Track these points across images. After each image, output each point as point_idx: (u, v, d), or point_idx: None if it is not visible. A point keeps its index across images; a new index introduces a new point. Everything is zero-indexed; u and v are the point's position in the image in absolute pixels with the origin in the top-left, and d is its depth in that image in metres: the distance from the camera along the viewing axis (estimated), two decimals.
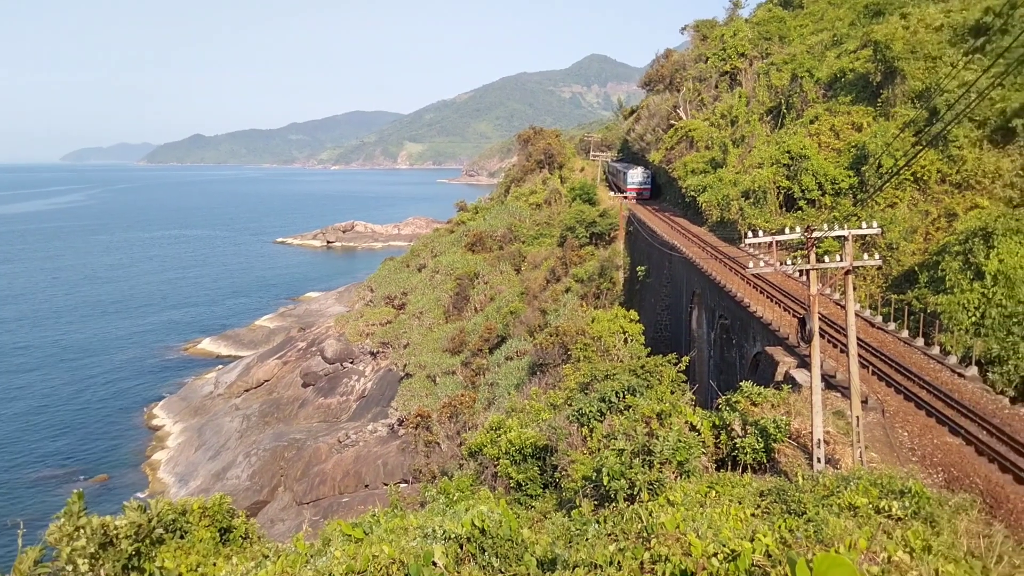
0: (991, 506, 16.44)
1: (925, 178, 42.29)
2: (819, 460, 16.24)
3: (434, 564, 7.60)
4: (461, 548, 8.34)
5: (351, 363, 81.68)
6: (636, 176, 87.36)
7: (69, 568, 9.78)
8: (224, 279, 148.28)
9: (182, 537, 13.01)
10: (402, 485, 49.66)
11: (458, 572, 7.68)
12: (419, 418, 51.58)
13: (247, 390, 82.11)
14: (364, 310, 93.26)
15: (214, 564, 12.20)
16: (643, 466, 15.62)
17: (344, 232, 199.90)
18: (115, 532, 10.51)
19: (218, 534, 13.45)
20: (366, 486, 55.67)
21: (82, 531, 10.10)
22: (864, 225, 17.31)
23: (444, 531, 8.63)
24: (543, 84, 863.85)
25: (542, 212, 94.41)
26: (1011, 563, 9.51)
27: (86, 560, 9.87)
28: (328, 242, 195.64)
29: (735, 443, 17.70)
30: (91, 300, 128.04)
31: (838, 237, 16.32)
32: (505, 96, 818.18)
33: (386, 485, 48.33)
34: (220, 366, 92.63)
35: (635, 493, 14.60)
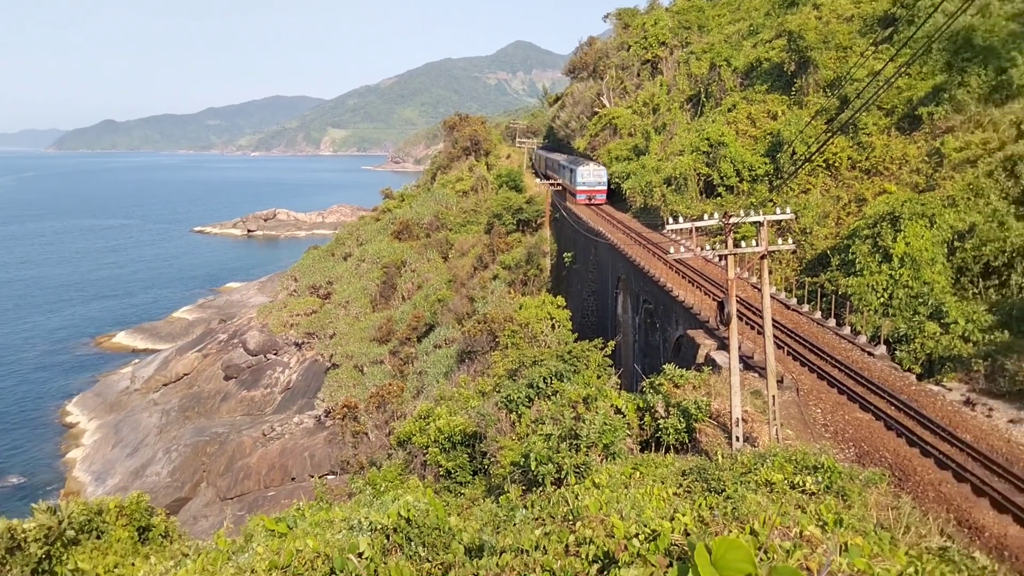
0: (899, 479, 17.30)
1: (836, 165, 43.93)
2: (738, 438, 16.77)
3: (360, 556, 7.55)
4: (388, 539, 8.30)
5: (275, 355, 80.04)
6: (588, 174, 68.23)
7: None
8: (140, 270, 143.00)
9: (98, 538, 12.59)
10: (330, 477, 49.05)
11: (384, 563, 7.64)
12: (346, 409, 50.99)
13: (166, 384, 79.57)
14: (288, 300, 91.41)
15: (132, 564, 11.86)
16: (570, 450, 15.83)
17: (266, 220, 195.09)
18: (23, 536, 10.08)
19: (136, 533, 13.08)
20: (293, 479, 54.79)
21: None
22: (779, 211, 17.89)
23: (370, 522, 8.57)
24: (468, 70, 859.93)
25: (469, 199, 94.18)
26: (918, 533, 10.04)
27: None
28: (249, 231, 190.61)
29: (658, 424, 18.11)
30: None
31: (754, 223, 16.81)
32: (430, 82, 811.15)
33: (313, 477, 47.66)
34: (136, 360, 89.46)
35: (562, 477, 14.80)
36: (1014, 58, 37.09)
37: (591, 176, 68.12)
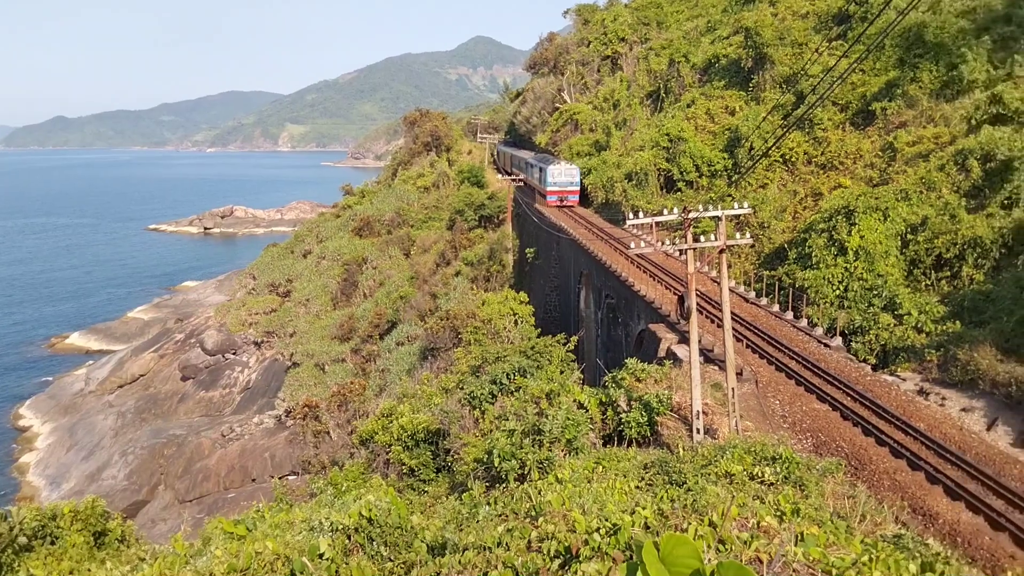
0: (855, 468, 17.65)
1: (793, 160, 44.64)
2: (698, 431, 16.94)
3: (320, 557, 7.46)
4: (349, 539, 8.21)
5: (233, 354, 78.87)
6: (559, 174, 62.93)
7: None
8: (93, 270, 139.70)
9: (52, 544, 12.34)
10: (291, 477, 48.54)
11: (346, 564, 7.56)
12: (307, 408, 50.46)
13: (121, 386, 77.94)
14: (246, 299, 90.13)
15: (88, 570, 11.61)
16: (533, 446, 15.85)
17: (223, 218, 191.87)
18: None
19: (92, 538, 12.84)
20: (253, 480, 54.11)
21: None
22: (737, 206, 18.09)
23: (331, 523, 8.47)
24: (429, 65, 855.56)
25: (430, 195, 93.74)
26: (873, 521, 10.25)
27: None
28: (206, 228, 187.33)
29: (621, 418, 18.22)
30: None
31: (713, 217, 16.98)
32: (390, 77, 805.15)
33: (273, 478, 47.14)
34: (91, 362, 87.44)
35: (525, 473, 14.81)
36: (964, 54, 38.02)
37: (563, 176, 62.88)
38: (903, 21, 42.11)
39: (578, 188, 62.71)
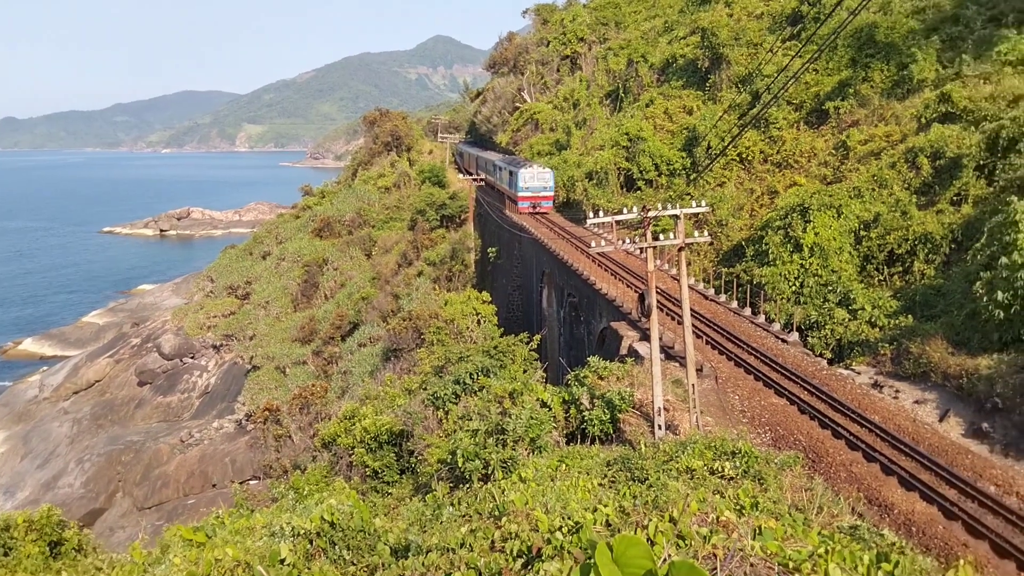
0: (813, 461, 17.97)
1: (749, 158, 45.31)
2: (660, 427, 17.11)
3: (281, 563, 7.38)
4: (311, 544, 8.14)
5: (192, 358, 77.60)
6: (532, 178, 57.50)
7: None
8: (47, 274, 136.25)
9: (6, 554, 12.08)
10: (252, 482, 47.93)
11: (308, 568, 7.49)
12: (268, 412, 49.84)
13: (76, 392, 76.27)
14: (204, 301, 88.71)
15: None
16: (497, 445, 15.86)
17: (179, 219, 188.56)
18: None
19: (47, 548, 12.59)
20: (213, 486, 53.35)
21: None
22: (695, 204, 18.31)
23: (292, 528, 8.39)
24: (388, 65, 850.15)
25: (391, 195, 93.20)
26: (830, 513, 10.45)
27: None
28: (162, 230, 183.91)
29: (584, 416, 18.33)
30: None
31: (672, 216, 17.16)
32: (349, 76, 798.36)
33: (234, 483, 46.48)
34: (45, 368, 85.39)
35: (489, 472, 14.82)
36: (914, 54, 38.93)
37: (536, 180, 57.37)
38: (855, 21, 43.06)
39: (552, 194, 57.71)
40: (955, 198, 30.77)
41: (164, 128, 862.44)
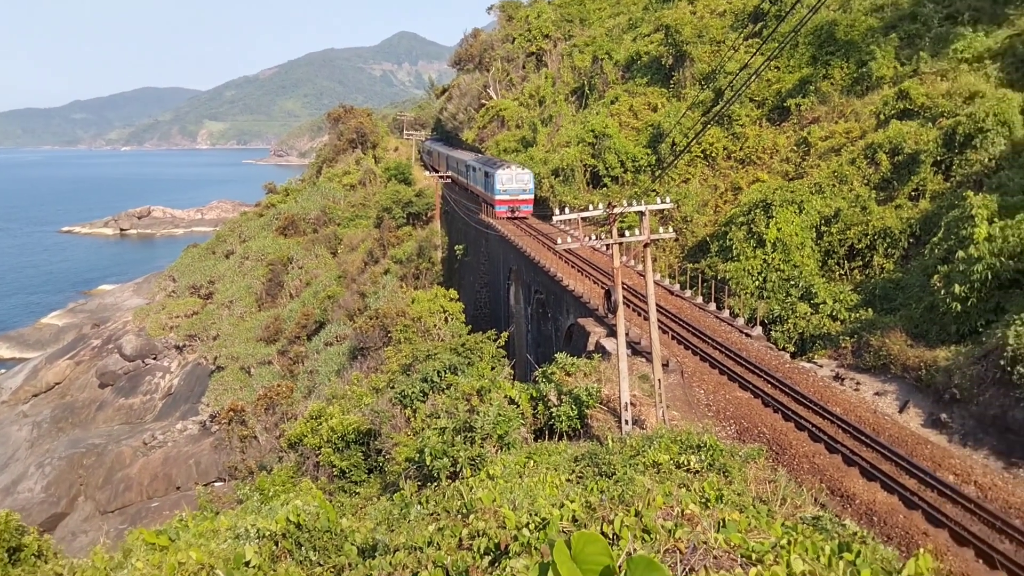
0: (777, 453, 18.22)
1: (713, 155, 45.75)
2: (627, 422, 17.22)
3: (247, 565, 7.29)
4: (276, 545, 8.06)
5: (154, 359, 76.34)
6: (510, 180, 53.48)
7: None
8: (4, 275, 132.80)
9: None
10: (217, 484, 47.33)
11: (273, 570, 7.41)
12: (232, 412, 49.20)
13: (36, 395, 74.59)
14: (166, 301, 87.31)
15: None
16: (465, 443, 15.85)
17: (140, 218, 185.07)
18: None
19: (6, 555, 12.32)
20: (178, 488, 52.58)
21: None
22: (660, 200, 18.44)
23: (257, 529, 8.29)
24: (352, 61, 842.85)
25: (357, 193, 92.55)
26: (793, 504, 10.61)
27: None
28: (122, 230, 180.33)
29: (551, 412, 18.38)
30: None
31: (638, 212, 17.28)
32: (312, 73, 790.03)
33: (198, 486, 45.88)
34: (2, 371, 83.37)
35: (457, 470, 14.80)
36: (873, 51, 39.61)
37: (514, 182, 53.39)
38: (815, 19, 43.70)
39: (532, 196, 53.73)
40: (913, 193, 31.39)
41: (124, 125, 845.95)
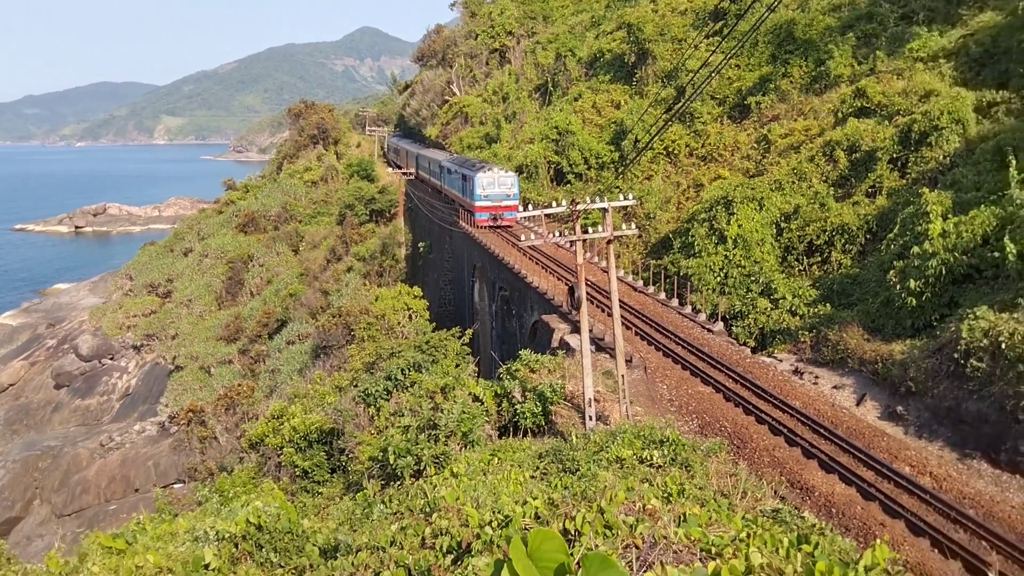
0: (738, 446, 18.44)
1: (676, 152, 46.15)
2: (591, 418, 17.28)
3: (206, 568, 7.16)
4: (236, 548, 7.93)
5: (111, 359, 74.87)
6: (491, 184, 47.86)
7: None
8: None
9: None
10: (177, 486, 46.62)
11: (233, 573, 7.29)
12: (192, 413, 48.43)
13: None
14: (123, 300, 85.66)
15: None
16: (429, 441, 15.77)
17: (95, 216, 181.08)
18: None
19: None
20: (136, 490, 51.69)
21: None
22: (623, 197, 18.53)
23: (217, 532, 8.15)
24: (314, 56, 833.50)
25: (319, 190, 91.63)
26: (754, 497, 10.72)
27: None
28: (77, 227, 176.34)
29: (516, 409, 18.37)
30: None
31: (601, 209, 17.33)
32: (273, 67, 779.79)
33: (157, 488, 45.12)
34: None
35: (421, 469, 14.72)
36: (831, 50, 40.25)
37: (496, 186, 47.65)
38: (774, 18, 44.28)
39: (516, 202, 47.73)
40: (870, 190, 31.98)
41: (78, 121, 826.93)
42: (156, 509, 16.04)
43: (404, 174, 73.75)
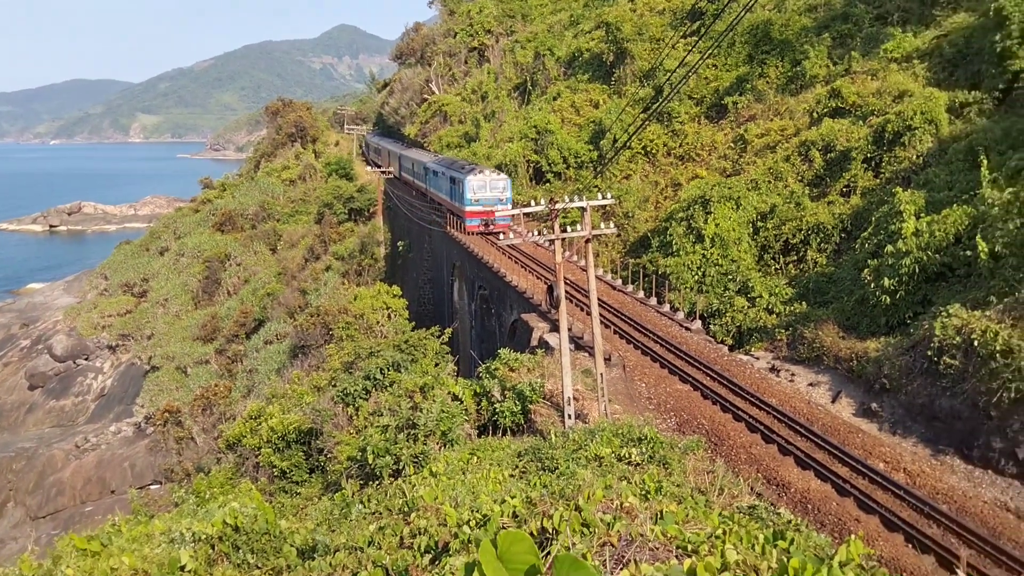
0: (715, 444, 18.58)
1: (654, 151, 46.34)
2: (570, 416, 17.35)
3: (182, 570, 7.11)
4: (213, 549, 7.87)
5: (86, 359, 73.98)
6: (482, 188, 44.82)
7: None
8: None
9: None
10: (153, 487, 46.17)
11: (210, 574, 7.24)
12: (168, 413, 48.01)
13: None
14: (98, 300, 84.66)
15: None
16: (408, 440, 15.76)
17: (70, 214, 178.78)
18: None
19: None
20: (112, 492, 51.17)
21: None
22: (601, 196, 18.60)
23: (193, 533, 8.09)
24: (291, 54, 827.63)
25: (297, 188, 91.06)
26: (731, 494, 10.82)
27: None
28: (51, 226, 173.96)
29: (495, 408, 18.40)
30: None
31: (579, 208, 17.39)
32: (250, 65, 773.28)
33: (133, 489, 44.65)
34: None
35: (400, 468, 14.70)
36: (806, 51, 40.59)
37: (488, 190, 44.73)
38: (751, 19, 44.61)
39: (509, 206, 44.95)
40: (845, 189, 32.31)
41: (53, 118, 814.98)
42: (132, 511, 15.88)
43: (384, 173, 73.36)
